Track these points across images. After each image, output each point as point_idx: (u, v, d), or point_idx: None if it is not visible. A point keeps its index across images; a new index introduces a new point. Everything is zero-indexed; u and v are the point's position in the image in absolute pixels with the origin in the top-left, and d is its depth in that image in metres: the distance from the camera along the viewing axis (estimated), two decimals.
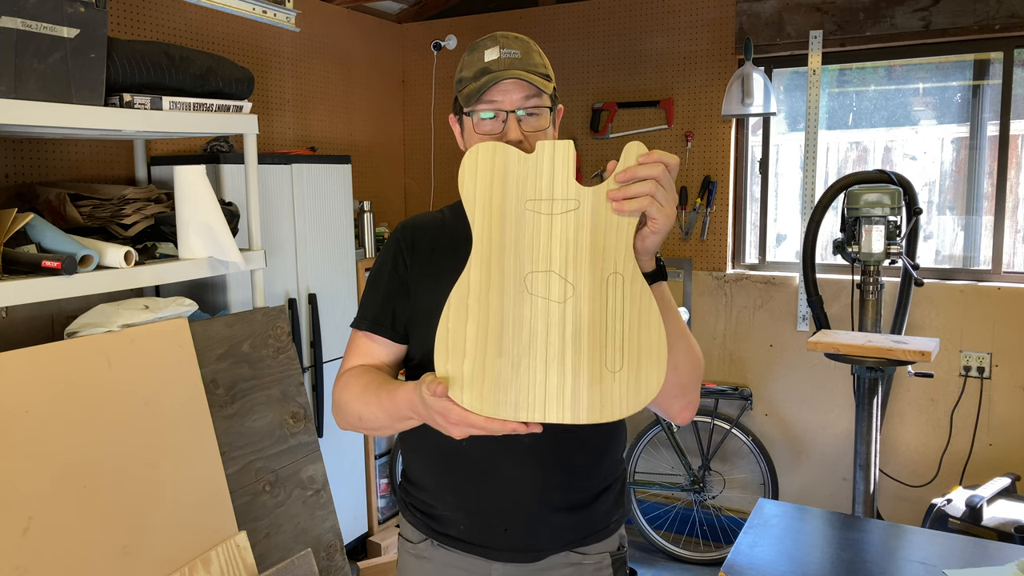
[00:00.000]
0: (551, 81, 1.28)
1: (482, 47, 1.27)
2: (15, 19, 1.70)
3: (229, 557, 1.97)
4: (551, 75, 1.29)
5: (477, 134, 1.25)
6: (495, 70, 1.23)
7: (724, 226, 3.45)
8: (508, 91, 1.22)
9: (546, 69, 1.28)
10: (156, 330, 2.00)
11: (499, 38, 1.27)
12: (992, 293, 3.00)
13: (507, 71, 1.22)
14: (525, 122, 1.24)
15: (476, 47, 1.28)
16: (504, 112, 1.23)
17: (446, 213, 1.41)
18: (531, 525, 1.30)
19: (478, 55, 1.26)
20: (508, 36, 1.28)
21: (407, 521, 1.42)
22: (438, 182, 4.01)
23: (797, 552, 1.73)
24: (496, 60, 1.24)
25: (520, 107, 1.23)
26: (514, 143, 1.21)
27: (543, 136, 1.27)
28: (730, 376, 3.48)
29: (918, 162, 3.22)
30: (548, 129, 1.27)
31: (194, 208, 2.18)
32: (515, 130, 1.22)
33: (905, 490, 3.18)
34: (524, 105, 1.23)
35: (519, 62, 1.24)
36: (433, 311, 1.31)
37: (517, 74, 1.21)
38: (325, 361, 2.98)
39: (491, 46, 1.26)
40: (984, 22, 2.92)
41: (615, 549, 1.38)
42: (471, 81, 1.25)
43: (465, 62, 1.28)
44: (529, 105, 1.23)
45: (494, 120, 1.24)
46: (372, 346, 1.36)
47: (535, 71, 1.25)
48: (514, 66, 1.23)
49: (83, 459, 1.75)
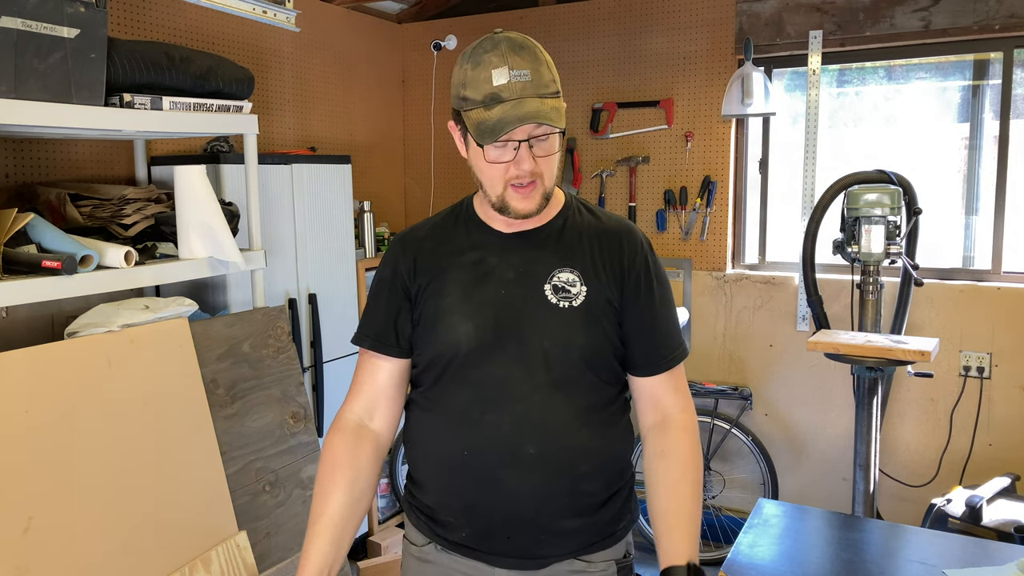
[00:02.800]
0: (559, 96, 1.24)
1: (487, 64, 1.20)
2: (15, 19, 1.70)
3: (229, 557, 1.97)
4: (559, 88, 1.25)
5: (487, 163, 1.23)
6: (506, 98, 1.18)
7: (724, 226, 3.45)
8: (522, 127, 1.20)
9: (556, 84, 1.24)
10: (156, 330, 2.00)
11: (505, 53, 1.20)
12: (992, 293, 3.00)
13: (520, 102, 1.18)
14: (537, 147, 1.22)
15: (480, 62, 1.21)
16: (516, 141, 1.21)
17: (444, 219, 1.40)
18: (534, 532, 1.28)
19: (484, 73, 1.20)
20: (514, 47, 1.21)
21: (411, 523, 1.42)
22: (438, 182, 4.01)
23: (797, 552, 1.73)
24: (506, 85, 1.19)
25: (532, 135, 1.21)
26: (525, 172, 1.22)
27: (554, 159, 1.26)
28: (730, 376, 3.48)
29: (918, 162, 3.22)
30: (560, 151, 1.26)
31: (194, 208, 2.18)
32: (528, 160, 1.21)
33: (905, 490, 3.18)
34: (536, 133, 1.21)
35: (531, 86, 1.19)
36: (438, 318, 1.31)
37: (533, 112, 1.17)
38: (325, 361, 2.98)
39: (498, 65, 1.19)
40: (984, 22, 2.91)
41: (621, 556, 1.36)
42: (479, 106, 1.20)
43: (469, 77, 1.21)
44: (540, 132, 1.21)
45: (504, 148, 1.22)
46: (377, 363, 1.37)
47: (547, 92, 1.21)
48: (526, 92, 1.19)
49: (83, 459, 1.75)
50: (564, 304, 1.27)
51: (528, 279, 1.29)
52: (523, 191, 1.24)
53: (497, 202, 1.26)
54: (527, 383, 1.26)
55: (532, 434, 1.26)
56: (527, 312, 1.28)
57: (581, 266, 1.30)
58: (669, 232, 3.54)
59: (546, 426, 1.26)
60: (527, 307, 1.28)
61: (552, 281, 1.29)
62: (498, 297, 1.29)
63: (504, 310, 1.28)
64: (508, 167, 1.23)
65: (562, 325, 1.27)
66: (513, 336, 1.27)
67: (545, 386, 1.26)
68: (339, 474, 1.31)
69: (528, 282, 1.29)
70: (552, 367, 1.26)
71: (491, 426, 1.27)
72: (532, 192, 1.24)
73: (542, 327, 1.27)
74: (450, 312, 1.30)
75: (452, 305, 1.30)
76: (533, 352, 1.26)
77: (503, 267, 1.31)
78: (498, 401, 1.27)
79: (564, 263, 1.30)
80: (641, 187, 3.57)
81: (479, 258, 1.32)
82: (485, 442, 1.27)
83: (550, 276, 1.29)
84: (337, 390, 3.04)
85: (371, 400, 1.37)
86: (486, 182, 1.26)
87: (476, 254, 1.33)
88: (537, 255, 1.31)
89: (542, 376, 1.26)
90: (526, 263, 1.31)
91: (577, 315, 1.27)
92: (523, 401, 1.26)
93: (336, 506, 1.29)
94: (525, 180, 1.23)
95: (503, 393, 1.27)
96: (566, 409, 1.27)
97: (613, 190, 3.63)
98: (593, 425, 1.28)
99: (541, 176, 1.24)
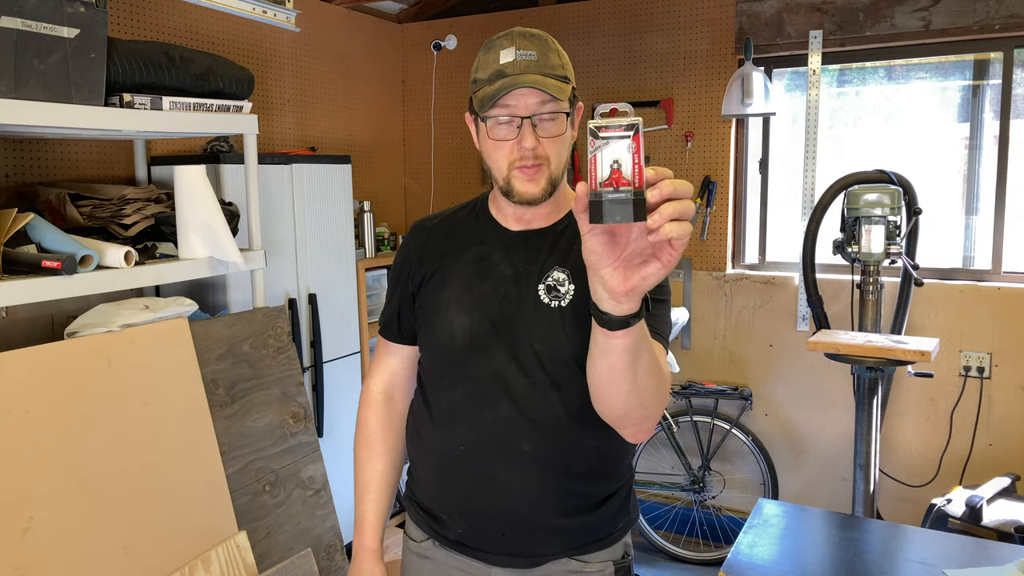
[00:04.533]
0: (569, 82, 1.24)
1: (497, 47, 1.23)
2: (15, 19, 1.70)
3: (229, 557, 1.97)
4: (570, 75, 1.25)
5: (491, 140, 1.23)
6: (510, 73, 1.19)
7: (724, 226, 3.45)
8: (523, 96, 1.19)
9: (564, 70, 1.24)
10: (156, 330, 2.00)
11: (515, 37, 1.23)
12: (992, 293, 3.00)
13: (523, 75, 1.18)
14: (541, 127, 1.21)
15: (491, 46, 1.24)
16: (519, 118, 1.20)
17: (459, 212, 1.42)
18: (529, 530, 1.28)
19: (493, 55, 1.23)
20: (525, 34, 1.24)
21: (411, 519, 1.43)
22: (438, 182, 4.01)
23: (797, 552, 1.73)
24: (512, 63, 1.20)
25: (535, 112, 1.20)
26: (528, 149, 1.20)
27: (560, 142, 1.24)
28: (730, 376, 3.48)
29: (918, 162, 3.22)
30: (566, 134, 1.24)
31: (194, 208, 2.18)
32: (530, 137, 1.20)
33: (905, 490, 3.18)
34: (540, 111, 1.20)
35: (535, 64, 1.20)
36: (436, 311, 1.32)
37: (532, 80, 1.18)
38: (325, 361, 2.98)
39: (507, 46, 1.22)
40: (984, 22, 2.92)
41: (619, 557, 1.35)
42: (485, 84, 1.22)
43: (480, 62, 1.25)
44: (545, 111, 1.20)
45: (509, 126, 1.21)
46: (388, 348, 1.47)
47: (552, 73, 1.21)
48: (530, 69, 1.19)
49: (83, 459, 1.75)
50: (554, 304, 1.27)
51: (525, 278, 1.29)
52: (528, 172, 1.22)
53: (504, 186, 1.25)
54: (523, 380, 1.26)
55: (527, 431, 1.26)
56: (520, 311, 1.28)
57: (572, 265, 1.29)
58: None
59: (541, 424, 1.26)
60: (520, 306, 1.28)
61: (546, 281, 1.28)
62: (496, 294, 1.29)
63: (500, 307, 1.28)
64: (512, 148, 1.22)
65: (550, 325, 1.26)
66: (507, 334, 1.27)
67: (541, 384, 1.26)
68: (378, 445, 1.47)
69: (524, 281, 1.29)
70: (546, 366, 1.26)
71: (486, 422, 1.27)
72: (537, 175, 1.23)
73: (531, 327, 1.27)
74: (448, 305, 1.31)
75: (451, 299, 1.31)
76: (525, 351, 1.26)
77: (504, 264, 1.31)
78: (493, 397, 1.27)
79: (559, 262, 1.30)
80: None
81: (484, 254, 1.33)
82: (480, 438, 1.28)
83: (545, 276, 1.29)
84: (337, 390, 3.04)
85: (388, 380, 1.49)
86: (493, 165, 1.26)
87: (481, 249, 1.33)
88: (537, 254, 1.31)
89: (537, 374, 1.26)
90: (526, 262, 1.31)
91: (565, 315, 1.26)
92: (518, 398, 1.26)
93: (379, 474, 1.46)
94: (529, 161, 1.21)
95: (498, 389, 1.27)
96: (561, 408, 1.26)
97: None
98: (589, 425, 1.27)
99: (548, 160, 1.23)
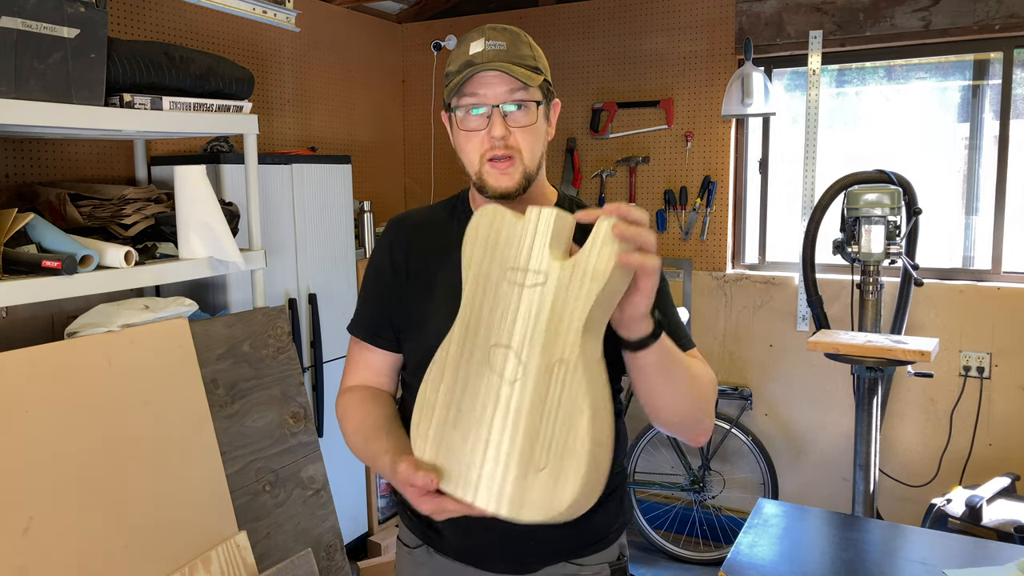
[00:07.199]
0: (541, 74, 1.21)
1: (468, 40, 1.21)
2: (15, 19, 1.70)
3: (229, 557, 1.97)
4: (542, 67, 1.23)
5: (462, 131, 1.20)
6: (478, 62, 1.17)
7: (724, 226, 3.45)
8: (491, 84, 1.17)
9: (535, 61, 1.21)
10: (156, 330, 2.00)
11: (486, 30, 1.21)
12: (992, 293, 3.00)
13: (490, 63, 1.16)
14: (511, 117, 1.18)
15: (463, 40, 1.23)
16: (489, 107, 1.17)
17: (440, 210, 1.37)
18: (522, 537, 1.24)
19: (464, 48, 1.21)
20: (496, 28, 1.22)
21: (405, 525, 1.41)
22: (438, 182, 4.01)
23: (797, 552, 1.73)
24: (480, 52, 1.18)
25: (505, 101, 1.17)
26: (497, 139, 1.17)
27: (531, 133, 1.20)
28: (730, 376, 3.48)
29: (918, 162, 3.22)
30: (539, 124, 1.21)
31: (194, 208, 2.18)
32: (499, 125, 1.17)
33: (905, 490, 3.18)
34: (509, 99, 1.17)
35: (504, 54, 1.18)
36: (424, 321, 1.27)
37: (499, 66, 1.15)
38: (325, 361, 2.98)
39: (476, 38, 1.20)
40: (984, 22, 2.92)
41: (615, 559, 1.34)
42: (455, 75, 1.20)
43: (452, 56, 1.23)
44: (515, 99, 1.17)
45: (479, 116, 1.18)
46: (370, 355, 1.35)
47: (521, 63, 1.19)
48: (499, 57, 1.17)
49: (83, 459, 1.75)
50: None
51: None
52: (500, 166, 1.19)
53: (477, 180, 1.22)
54: None
55: None
56: None
57: None
58: (669, 232, 3.54)
59: None
60: None
61: None
62: None
63: None
64: (483, 139, 1.19)
65: None
66: None
67: None
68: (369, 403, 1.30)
69: None
70: None
71: None
72: (510, 169, 1.19)
73: None
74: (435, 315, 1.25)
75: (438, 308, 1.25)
76: None
77: None
78: None
79: None
80: (641, 187, 3.57)
81: None
82: None
83: None
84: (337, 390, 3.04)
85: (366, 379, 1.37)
86: (465, 159, 1.23)
87: None
88: None
89: None
90: None
91: None
92: None
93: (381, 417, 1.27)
94: (500, 151, 1.18)
95: None
96: None
97: (613, 190, 3.63)
98: None
99: (520, 152, 1.19)
